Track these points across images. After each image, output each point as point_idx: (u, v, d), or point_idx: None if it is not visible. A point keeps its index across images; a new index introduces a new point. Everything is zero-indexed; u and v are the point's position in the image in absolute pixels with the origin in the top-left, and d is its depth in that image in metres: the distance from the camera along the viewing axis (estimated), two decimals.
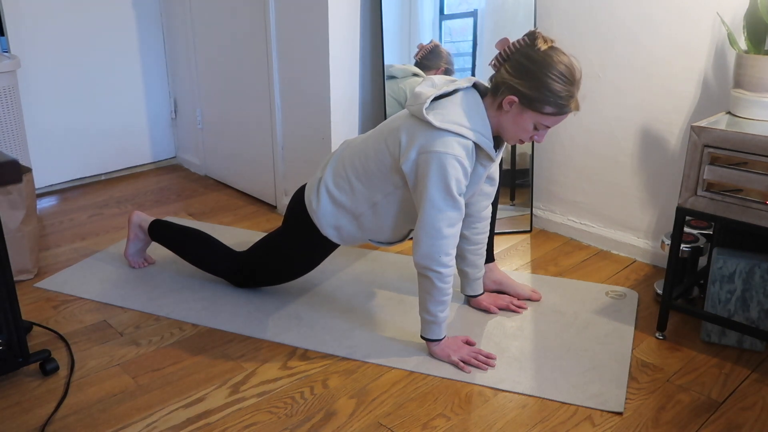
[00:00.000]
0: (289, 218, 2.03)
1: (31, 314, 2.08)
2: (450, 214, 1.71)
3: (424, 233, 1.72)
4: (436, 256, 1.73)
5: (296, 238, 2.00)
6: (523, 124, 1.70)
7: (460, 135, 1.68)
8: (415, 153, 1.70)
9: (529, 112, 1.67)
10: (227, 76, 3.07)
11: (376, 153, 1.81)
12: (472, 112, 1.71)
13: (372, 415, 1.65)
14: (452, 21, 2.52)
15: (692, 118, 2.22)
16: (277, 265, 2.07)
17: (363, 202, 1.86)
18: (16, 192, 2.16)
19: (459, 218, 1.74)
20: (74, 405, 1.68)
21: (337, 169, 1.90)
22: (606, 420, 1.63)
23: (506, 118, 1.72)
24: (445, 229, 1.71)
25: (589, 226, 2.59)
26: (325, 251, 2.03)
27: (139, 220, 2.30)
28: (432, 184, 1.68)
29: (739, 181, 1.74)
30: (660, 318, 1.97)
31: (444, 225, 1.71)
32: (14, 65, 2.61)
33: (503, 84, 1.69)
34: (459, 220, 1.74)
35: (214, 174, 3.36)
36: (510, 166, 2.63)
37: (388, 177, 1.80)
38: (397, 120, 1.81)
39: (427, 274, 1.75)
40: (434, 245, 1.72)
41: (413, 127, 1.73)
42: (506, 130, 1.74)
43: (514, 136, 1.75)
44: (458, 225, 1.75)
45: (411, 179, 1.74)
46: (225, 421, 1.62)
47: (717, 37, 2.11)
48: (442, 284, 1.75)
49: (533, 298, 2.15)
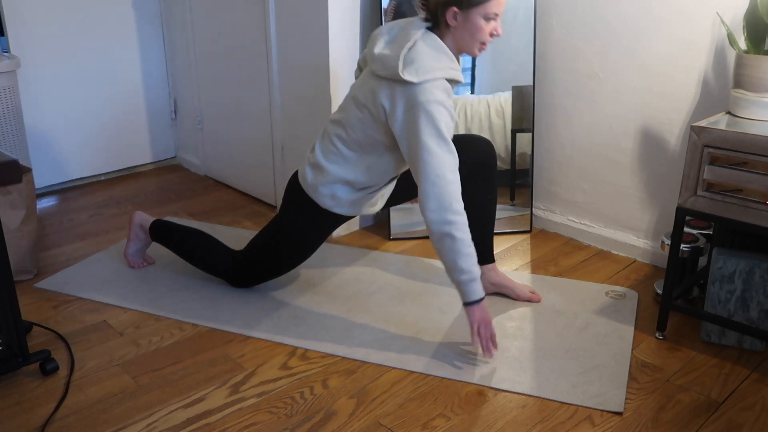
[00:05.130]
0: (285, 202, 2.05)
1: (31, 314, 2.08)
2: (448, 158, 1.73)
3: (429, 184, 1.72)
4: (448, 204, 1.72)
5: (294, 218, 2.01)
6: (475, 24, 1.75)
7: (436, 79, 1.73)
8: (402, 112, 1.74)
9: (472, 10, 1.73)
10: (227, 76, 3.07)
11: (360, 122, 1.85)
12: (437, 53, 1.76)
13: (372, 415, 1.65)
14: None
15: (692, 118, 2.22)
16: (277, 251, 2.07)
17: (357, 168, 1.90)
18: (16, 192, 2.16)
19: (456, 162, 1.76)
20: (74, 405, 1.68)
21: (324, 144, 1.95)
22: (606, 420, 1.63)
23: (459, 32, 1.77)
24: (448, 174, 1.73)
25: (589, 226, 2.59)
26: (322, 230, 2.04)
27: (140, 219, 2.30)
28: (425, 135, 1.71)
29: (739, 181, 1.74)
30: (660, 318, 1.97)
31: (447, 170, 1.73)
32: (14, 65, 2.61)
33: (437, 6, 1.75)
34: (456, 164, 1.76)
35: (214, 174, 3.36)
36: (510, 166, 2.63)
37: (378, 141, 1.85)
38: (368, 85, 1.83)
39: (445, 230, 1.73)
40: (443, 194, 1.72)
41: (391, 88, 1.76)
42: (466, 43, 1.79)
43: (476, 43, 1.79)
44: (457, 170, 1.77)
45: (404, 139, 1.76)
46: (225, 421, 1.62)
47: (717, 36, 2.11)
48: (463, 234, 1.74)
49: (533, 300, 2.15)
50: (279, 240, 2.05)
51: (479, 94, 2.56)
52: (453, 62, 1.78)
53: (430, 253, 2.50)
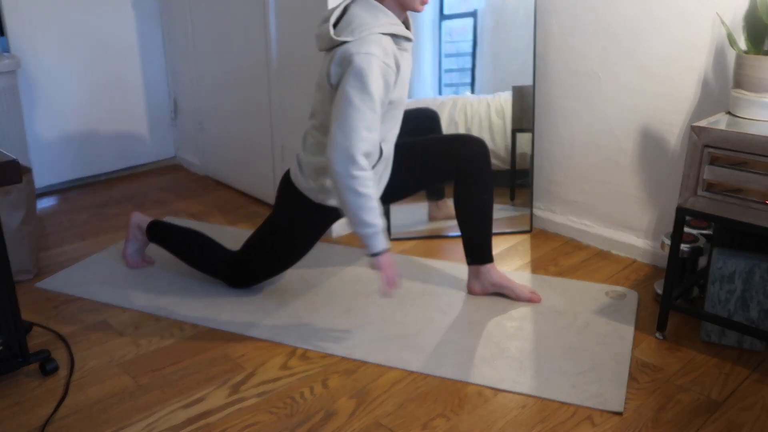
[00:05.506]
0: (278, 199, 2.06)
1: (31, 314, 2.08)
2: (368, 115, 1.72)
3: (340, 135, 1.72)
4: (354, 158, 1.71)
5: (287, 216, 2.02)
6: None
7: (371, 34, 1.74)
8: (339, 68, 1.76)
9: None
10: (227, 76, 3.07)
11: (321, 103, 1.87)
12: (372, 11, 1.78)
13: (372, 415, 1.65)
14: (452, 21, 2.52)
15: (692, 118, 2.22)
16: (272, 250, 2.07)
17: None
18: (16, 192, 2.16)
19: (376, 123, 1.75)
20: (74, 405, 1.68)
21: (305, 139, 1.98)
22: (606, 420, 1.63)
23: None
24: (362, 130, 1.72)
25: (589, 226, 2.59)
26: (316, 226, 2.04)
27: (138, 220, 2.30)
28: (349, 85, 1.71)
29: (739, 181, 1.74)
30: (660, 318, 1.97)
31: (362, 126, 1.72)
32: (14, 65, 2.62)
33: None
34: (376, 125, 1.75)
35: (214, 174, 3.36)
36: (510, 166, 2.63)
37: None
38: (322, 69, 1.86)
39: (349, 184, 1.73)
40: (351, 147, 1.71)
41: (332, 55, 1.78)
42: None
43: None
44: (376, 132, 1.75)
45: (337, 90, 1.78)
46: (225, 421, 1.62)
47: (717, 37, 2.11)
48: (366, 190, 1.74)
49: (533, 300, 2.15)
50: (274, 239, 2.05)
51: (479, 94, 2.56)
52: (391, 17, 1.79)
53: (430, 253, 2.50)
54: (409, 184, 2.11)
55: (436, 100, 2.55)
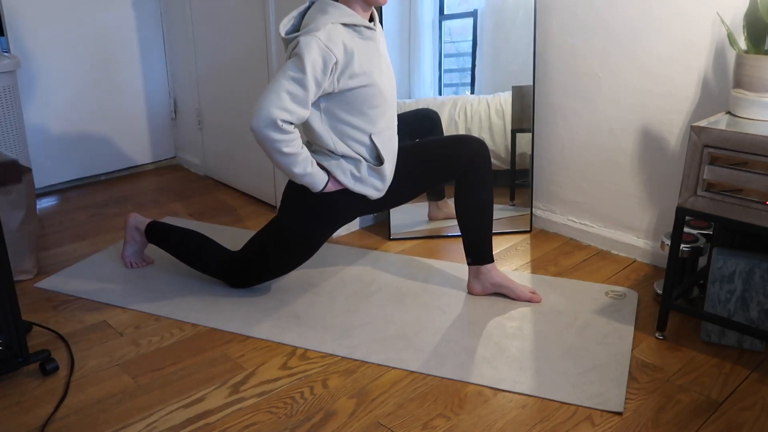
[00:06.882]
0: (284, 201, 2.05)
1: (31, 314, 2.08)
2: (295, 86, 1.76)
3: (263, 96, 1.77)
4: (274, 119, 1.76)
5: (294, 217, 2.02)
6: None
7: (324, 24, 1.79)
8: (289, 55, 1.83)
9: None
10: (227, 76, 3.07)
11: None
12: (322, 10, 1.83)
13: (372, 415, 1.65)
14: (452, 21, 2.52)
15: (692, 118, 2.22)
16: (277, 252, 2.06)
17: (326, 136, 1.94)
18: (16, 192, 2.16)
19: (305, 99, 1.79)
20: (74, 405, 1.68)
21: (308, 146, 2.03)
22: (606, 420, 1.63)
23: None
24: (288, 101, 1.76)
25: (589, 226, 2.59)
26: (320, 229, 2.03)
27: (136, 222, 2.30)
28: (290, 61, 1.78)
29: (739, 181, 1.74)
30: (660, 318, 1.97)
31: (288, 96, 1.76)
32: (14, 65, 2.62)
33: None
34: (305, 102, 1.79)
35: (214, 174, 3.36)
36: (510, 166, 2.63)
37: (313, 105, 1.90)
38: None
39: (272, 146, 1.79)
40: (274, 111, 1.76)
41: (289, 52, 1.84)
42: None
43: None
44: (302, 109, 1.80)
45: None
46: (225, 421, 1.62)
47: (717, 36, 2.11)
48: (291, 149, 1.82)
49: (533, 300, 2.15)
50: (276, 241, 2.05)
51: (479, 94, 2.56)
52: (343, 10, 1.83)
53: (430, 253, 2.50)
54: (411, 187, 2.11)
55: (436, 100, 2.55)
